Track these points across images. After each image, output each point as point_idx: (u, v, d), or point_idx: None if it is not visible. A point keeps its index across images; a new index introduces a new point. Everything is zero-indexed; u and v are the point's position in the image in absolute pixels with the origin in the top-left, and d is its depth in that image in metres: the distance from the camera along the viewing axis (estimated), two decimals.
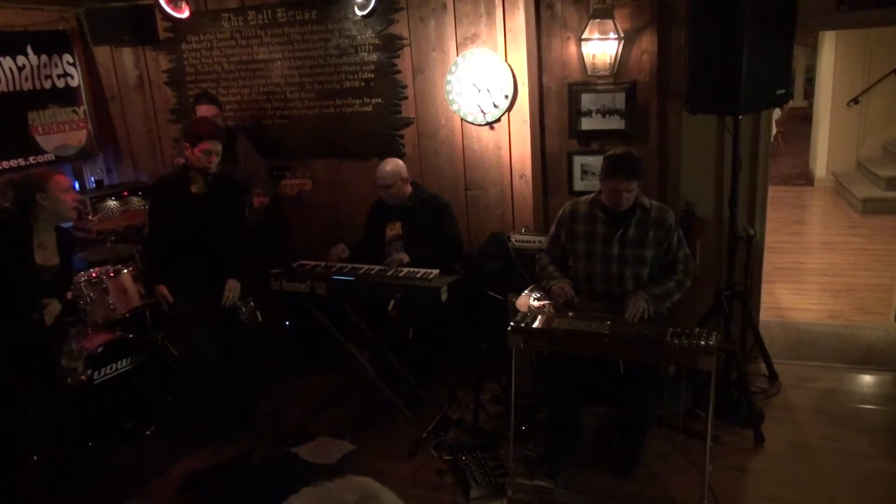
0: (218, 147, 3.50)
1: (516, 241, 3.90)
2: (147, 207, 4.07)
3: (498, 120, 4.26)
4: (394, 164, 3.97)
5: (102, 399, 3.64)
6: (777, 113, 9.40)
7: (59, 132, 5.09)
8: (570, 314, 3.12)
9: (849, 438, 3.42)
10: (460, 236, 4.13)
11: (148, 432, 3.81)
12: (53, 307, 3.25)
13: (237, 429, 3.77)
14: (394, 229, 4.01)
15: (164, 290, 3.62)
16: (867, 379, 4.03)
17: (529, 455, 3.38)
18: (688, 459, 3.25)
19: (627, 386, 3.13)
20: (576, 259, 3.33)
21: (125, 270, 3.97)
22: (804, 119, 10.99)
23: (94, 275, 3.89)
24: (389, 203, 3.99)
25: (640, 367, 3.03)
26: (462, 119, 4.34)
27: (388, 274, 3.60)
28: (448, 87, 4.29)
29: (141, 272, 4.05)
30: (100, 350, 3.65)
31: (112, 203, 4.94)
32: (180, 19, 4.58)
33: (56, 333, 3.34)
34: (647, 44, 3.85)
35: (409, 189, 4.01)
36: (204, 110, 4.33)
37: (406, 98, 4.50)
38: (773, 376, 3.99)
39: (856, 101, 8.12)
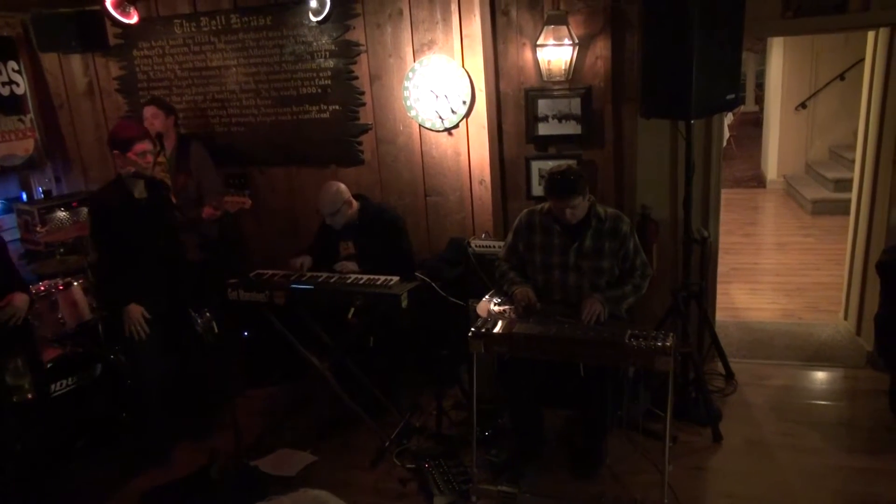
0: (150, 146, 3.46)
1: (476, 246, 3.90)
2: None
3: (456, 126, 4.26)
4: (335, 189, 3.83)
5: (53, 416, 3.52)
6: (729, 117, 9.64)
7: (5, 141, 4.92)
8: (531, 319, 3.13)
9: (803, 434, 3.51)
10: (412, 252, 4.07)
11: (102, 450, 3.69)
12: (17, 300, 3.19)
13: (195, 443, 3.69)
14: (347, 248, 3.96)
15: (139, 309, 3.42)
16: (819, 375, 4.14)
17: (492, 460, 3.38)
18: (648, 460, 3.30)
19: (588, 388, 3.15)
20: (533, 270, 3.34)
21: (75, 283, 3.86)
22: (756, 123, 11.29)
23: (42, 288, 3.77)
24: (337, 228, 3.89)
25: (600, 370, 3.06)
26: (420, 125, 4.34)
27: (348, 282, 3.57)
28: (406, 94, 4.28)
29: (92, 285, 3.93)
30: (49, 366, 3.52)
31: (61, 214, 4.79)
32: (129, 25, 4.48)
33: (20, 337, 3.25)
34: (602, 49, 3.91)
35: (354, 208, 3.90)
36: (149, 111, 4.28)
37: (364, 104, 4.47)
38: (729, 375, 4.07)
39: (803, 105, 8.38)
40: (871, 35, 4.18)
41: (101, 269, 3.65)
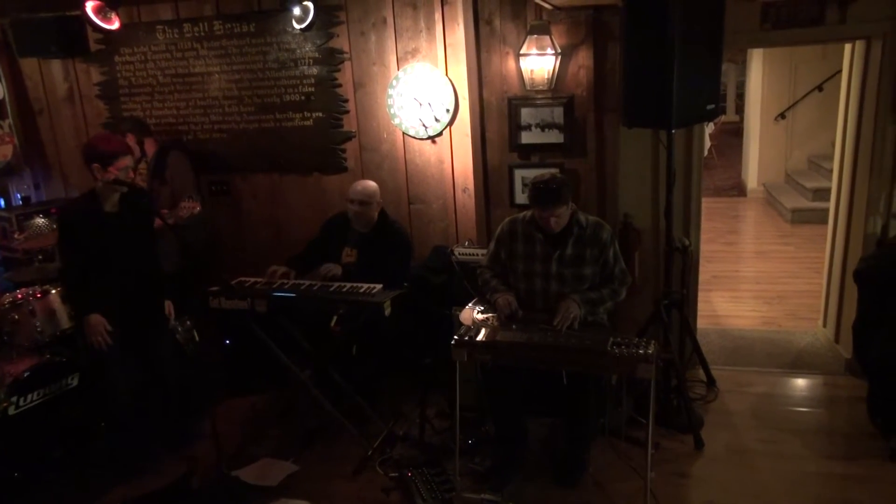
0: (131, 161, 3.45)
1: (460, 254, 3.91)
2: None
3: (440, 134, 4.28)
4: (375, 185, 3.87)
5: (29, 427, 3.46)
6: (710, 127, 9.75)
7: None
8: (514, 326, 3.13)
9: (783, 441, 3.54)
10: (406, 276, 3.94)
11: (79, 459, 3.63)
12: None
13: (174, 452, 3.64)
14: (350, 255, 3.93)
15: (100, 319, 3.37)
16: (799, 382, 4.18)
17: (476, 468, 3.37)
18: (631, 467, 3.30)
19: (571, 396, 3.15)
20: (515, 278, 3.34)
21: (53, 291, 3.79)
22: (737, 133, 11.42)
23: (19, 296, 3.70)
24: (353, 220, 3.86)
25: (583, 378, 3.07)
26: (404, 133, 4.34)
27: (331, 289, 3.54)
28: (389, 102, 4.29)
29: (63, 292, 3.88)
30: (25, 375, 3.46)
31: (40, 221, 4.73)
32: (111, 31, 4.45)
33: None
34: (584, 59, 3.94)
35: (375, 217, 3.89)
36: (129, 139, 4.21)
37: (347, 112, 4.47)
38: (711, 382, 4.10)
39: (783, 116, 8.50)
40: (847, 47, 4.25)
41: (65, 277, 3.62)
